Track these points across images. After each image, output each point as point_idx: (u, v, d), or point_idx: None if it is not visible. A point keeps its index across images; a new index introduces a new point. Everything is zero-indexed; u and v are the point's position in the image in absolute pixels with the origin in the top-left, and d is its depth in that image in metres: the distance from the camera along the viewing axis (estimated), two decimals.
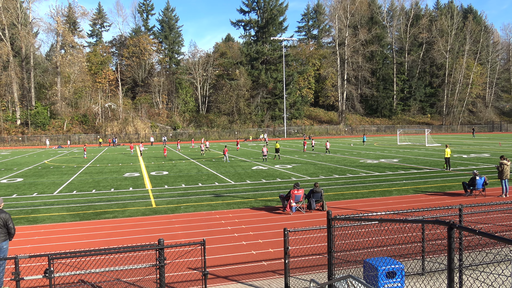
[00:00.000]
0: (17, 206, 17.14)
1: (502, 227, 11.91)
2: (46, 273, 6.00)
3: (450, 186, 19.87)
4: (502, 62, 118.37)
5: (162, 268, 6.46)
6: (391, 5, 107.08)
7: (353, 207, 15.55)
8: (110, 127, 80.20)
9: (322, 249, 9.97)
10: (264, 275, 9.07)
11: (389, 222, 6.08)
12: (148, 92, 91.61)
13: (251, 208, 15.93)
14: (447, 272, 4.06)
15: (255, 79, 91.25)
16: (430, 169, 26.73)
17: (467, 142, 55.01)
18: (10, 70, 75.35)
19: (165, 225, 13.65)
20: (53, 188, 21.95)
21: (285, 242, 7.60)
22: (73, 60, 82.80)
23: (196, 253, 9.96)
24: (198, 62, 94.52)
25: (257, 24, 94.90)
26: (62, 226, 13.78)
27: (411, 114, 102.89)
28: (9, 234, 8.36)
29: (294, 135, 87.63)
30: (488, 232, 3.64)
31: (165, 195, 19.28)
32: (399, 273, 6.45)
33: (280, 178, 24.12)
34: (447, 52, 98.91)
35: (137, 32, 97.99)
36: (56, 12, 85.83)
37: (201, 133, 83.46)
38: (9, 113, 78.50)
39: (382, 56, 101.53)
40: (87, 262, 9.25)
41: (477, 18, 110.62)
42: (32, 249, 11.11)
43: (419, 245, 8.85)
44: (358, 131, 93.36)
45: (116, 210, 16.00)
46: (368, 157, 35.60)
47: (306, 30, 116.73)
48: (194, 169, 29.61)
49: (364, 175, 24.30)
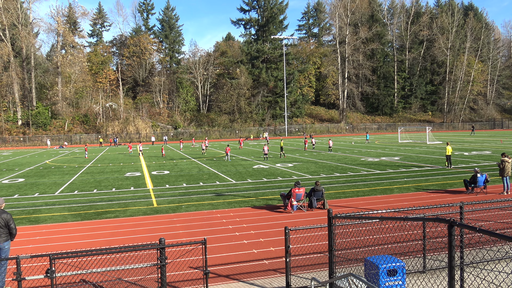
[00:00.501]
0: (19, 207, 17.18)
1: (503, 224, 11.90)
2: (48, 273, 6.01)
3: (451, 184, 19.85)
4: (503, 59, 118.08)
5: (164, 267, 6.47)
6: (391, 3, 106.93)
7: (354, 205, 15.54)
8: (111, 127, 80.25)
9: (323, 247, 9.98)
10: (266, 274, 9.08)
11: (390, 220, 6.08)
12: (149, 91, 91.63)
13: (252, 207, 15.94)
14: (447, 270, 4.06)
15: (256, 78, 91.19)
16: (431, 167, 26.70)
17: (468, 140, 54.93)
18: (11, 70, 75.41)
19: (166, 224, 13.67)
20: (55, 188, 21.98)
21: (286, 241, 7.61)
22: (73, 60, 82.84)
23: (197, 252, 9.98)
24: (198, 61, 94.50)
25: (258, 22, 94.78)
26: (64, 226, 13.81)
27: (412, 112, 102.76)
28: (10, 235, 8.38)
29: (295, 134, 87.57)
30: (489, 230, 3.64)
31: (167, 194, 19.30)
32: (400, 271, 6.45)
33: (281, 176, 24.12)
34: (448, 50, 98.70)
35: (138, 32, 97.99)
36: (57, 12, 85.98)
37: (202, 132, 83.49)
38: (10, 114, 78.60)
39: (382, 54, 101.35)
40: (88, 262, 9.27)
41: (477, 15, 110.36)
42: (34, 249, 11.14)
43: (420, 243, 8.85)
44: (359, 129, 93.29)
45: (117, 210, 16.03)
46: (369, 155, 35.57)
47: (307, 28, 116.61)
48: (195, 168, 29.62)
49: (365, 173, 24.29)
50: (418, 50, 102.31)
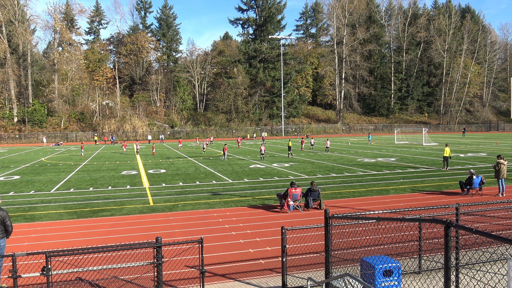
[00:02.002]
0: (14, 204, 17.11)
1: (498, 226, 11.97)
2: (44, 271, 5.99)
3: (447, 185, 19.93)
4: (500, 61, 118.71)
5: (160, 266, 6.47)
6: (389, 4, 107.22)
7: (351, 206, 15.58)
8: (107, 125, 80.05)
9: (320, 247, 10.00)
10: (262, 273, 9.09)
11: (386, 220, 6.10)
12: (145, 90, 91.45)
13: (249, 207, 15.95)
14: (443, 271, 4.08)
15: (253, 78, 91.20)
16: (427, 168, 26.81)
17: (464, 141, 55.18)
18: (7, 67, 75.06)
19: (163, 223, 13.65)
20: (50, 186, 21.90)
21: (283, 241, 7.62)
22: (70, 57, 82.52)
23: (194, 251, 9.97)
24: (196, 60, 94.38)
25: (255, 22, 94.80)
26: (59, 223, 13.76)
27: (408, 113, 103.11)
28: (6, 232, 8.34)
29: (292, 134, 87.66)
30: (485, 231, 3.67)
31: (163, 193, 19.28)
32: (396, 271, 6.48)
33: (278, 176, 24.14)
34: (444, 52, 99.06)
35: (135, 30, 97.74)
36: (54, 9, 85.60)
37: (199, 131, 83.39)
38: (6, 111, 78.23)
39: (380, 55, 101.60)
40: (84, 260, 9.25)
41: (474, 17, 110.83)
42: (30, 246, 11.10)
43: (416, 243, 8.89)
44: (355, 130, 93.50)
45: (113, 208, 15.99)
46: (366, 156, 35.66)
47: (304, 28, 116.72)
48: (192, 167, 29.60)
49: (361, 174, 24.35)
50: (415, 52, 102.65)
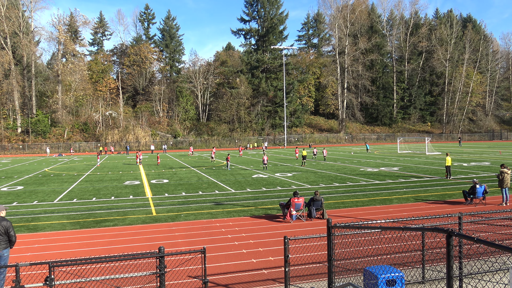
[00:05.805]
0: (18, 214, 17.15)
1: (502, 235, 11.90)
2: (47, 281, 6.01)
3: (450, 195, 19.86)
4: (502, 70, 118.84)
5: (163, 276, 6.47)
6: (390, 14, 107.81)
7: (354, 215, 15.54)
8: (110, 135, 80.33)
9: (322, 257, 9.97)
10: (264, 283, 9.06)
11: (389, 230, 6.11)
12: (148, 100, 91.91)
13: (252, 216, 15.93)
14: (446, 280, 4.09)
15: (256, 88, 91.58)
16: (430, 177, 26.73)
17: (467, 151, 55.02)
18: (12, 78, 75.69)
19: (166, 233, 13.65)
20: (54, 196, 21.95)
21: (285, 250, 7.62)
22: (74, 68, 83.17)
23: (197, 261, 9.96)
24: (198, 70, 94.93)
25: (258, 33, 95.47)
26: (63, 234, 13.78)
27: (411, 123, 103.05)
28: (10, 242, 8.38)
29: (295, 143, 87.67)
30: (486, 240, 3.68)
31: (166, 203, 19.28)
32: (399, 281, 6.46)
33: (281, 186, 24.12)
34: (446, 61, 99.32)
35: (138, 41, 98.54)
36: (58, 21, 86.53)
37: (202, 141, 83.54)
38: (10, 121, 78.68)
39: (382, 65, 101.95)
40: (87, 270, 9.25)
41: (476, 27, 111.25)
42: (33, 257, 11.11)
43: (419, 253, 8.86)
44: (358, 139, 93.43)
45: (116, 218, 16.00)
46: (369, 166, 35.61)
47: (306, 39, 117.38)
48: (195, 177, 29.62)
49: (364, 184, 24.30)
50: (417, 61, 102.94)
